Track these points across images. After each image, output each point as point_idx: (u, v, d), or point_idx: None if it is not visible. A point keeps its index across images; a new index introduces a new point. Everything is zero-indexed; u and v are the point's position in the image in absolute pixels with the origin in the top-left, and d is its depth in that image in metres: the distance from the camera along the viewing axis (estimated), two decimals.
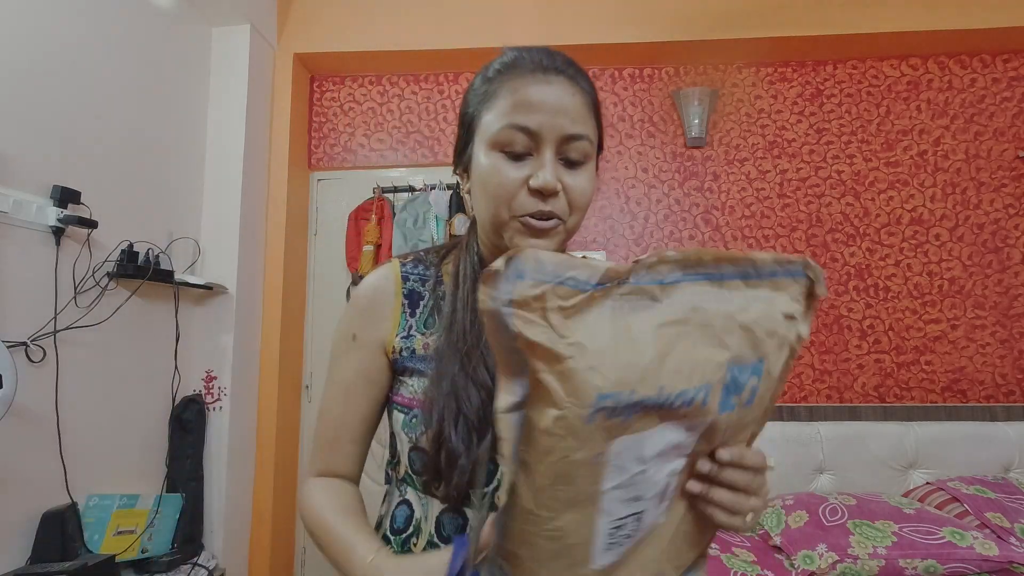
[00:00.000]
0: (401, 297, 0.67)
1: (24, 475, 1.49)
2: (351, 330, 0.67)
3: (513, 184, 0.58)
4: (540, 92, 0.58)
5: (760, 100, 2.46)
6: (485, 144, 0.60)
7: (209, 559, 1.96)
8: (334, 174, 2.59)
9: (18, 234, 1.49)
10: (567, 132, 0.58)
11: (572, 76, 0.60)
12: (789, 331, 0.48)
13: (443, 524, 0.62)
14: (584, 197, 0.60)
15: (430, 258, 0.70)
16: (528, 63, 0.59)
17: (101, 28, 1.77)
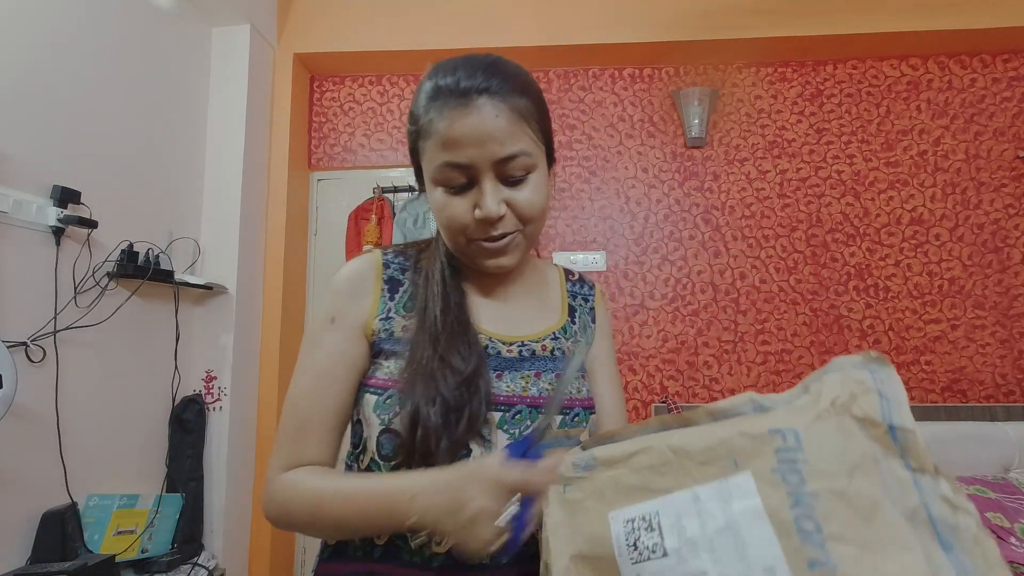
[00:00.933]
0: (381, 282, 0.68)
1: (24, 475, 1.49)
2: (329, 313, 0.66)
3: (461, 217, 0.61)
4: (463, 125, 0.58)
5: (760, 100, 2.46)
6: (430, 180, 0.63)
7: (209, 559, 1.96)
8: (334, 174, 2.59)
9: (18, 234, 1.49)
10: (499, 156, 0.59)
11: (496, 92, 0.59)
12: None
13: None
14: (533, 208, 0.62)
15: (409, 251, 0.72)
16: (446, 92, 0.59)
17: (101, 28, 1.77)
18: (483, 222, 0.60)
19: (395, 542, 0.62)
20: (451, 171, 0.60)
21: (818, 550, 0.35)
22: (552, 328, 0.72)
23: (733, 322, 2.37)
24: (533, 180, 0.62)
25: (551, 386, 0.66)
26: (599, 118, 2.50)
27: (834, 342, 2.32)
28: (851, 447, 0.38)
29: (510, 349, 0.67)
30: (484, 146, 0.58)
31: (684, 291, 2.40)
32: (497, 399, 0.63)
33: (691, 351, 2.36)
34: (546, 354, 0.69)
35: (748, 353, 2.35)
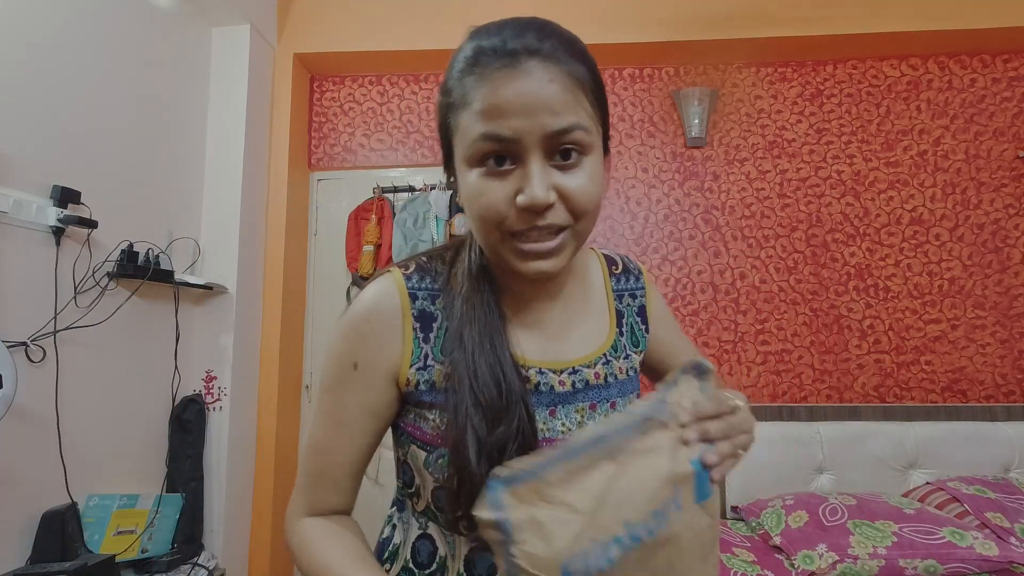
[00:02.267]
0: (411, 320, 0.57)
1: (24, 475, 1.49)
2: (351, 357, 0.57)
3: (499, 204, 0.50)
4: (509, 89, 0.48)
5: (760, 100, 2.46)
6: (464, 161, 0.52)
7: (209, 559, 1.96)
8: (334, 174, 2.59)
9: (18, 234, 1.49)
10: (551, 128, 0.49)
11: (548, 55, 0.49)
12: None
13: (474, 563, 0.57)
14: (588, 199, 0.51)
15: (435, 266, 0.61)
16: (489, 53, 0.50)
17: (101, 28, 1.77)
18: (527, 211, 0.49)
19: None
20: (491, 145, 0.49)
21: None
22: (603, 348, 0.64)
23: (733, 322, 2.37)
24: (588, 165, 0.51)
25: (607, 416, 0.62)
26: None
27: (834, 342, 2.33)
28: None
29: (562, 381, 0.60)
30: (534, 116, 0.48)
31: (684, 291, 2.40)
32: (553, 441, 0.57)
33: None
34: (599, 382, 0.62)
35: (748, 353, 2.35)
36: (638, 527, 0.43)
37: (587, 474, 0.44)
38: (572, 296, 0.65)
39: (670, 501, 0.45)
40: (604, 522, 0.43)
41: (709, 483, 0.47)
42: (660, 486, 0.45)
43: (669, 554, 0.45)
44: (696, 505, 0.47)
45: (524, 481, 0.43)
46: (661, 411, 0.47)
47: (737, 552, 1.68)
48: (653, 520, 0.44)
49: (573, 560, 0.42)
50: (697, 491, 0.46)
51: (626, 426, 0.46)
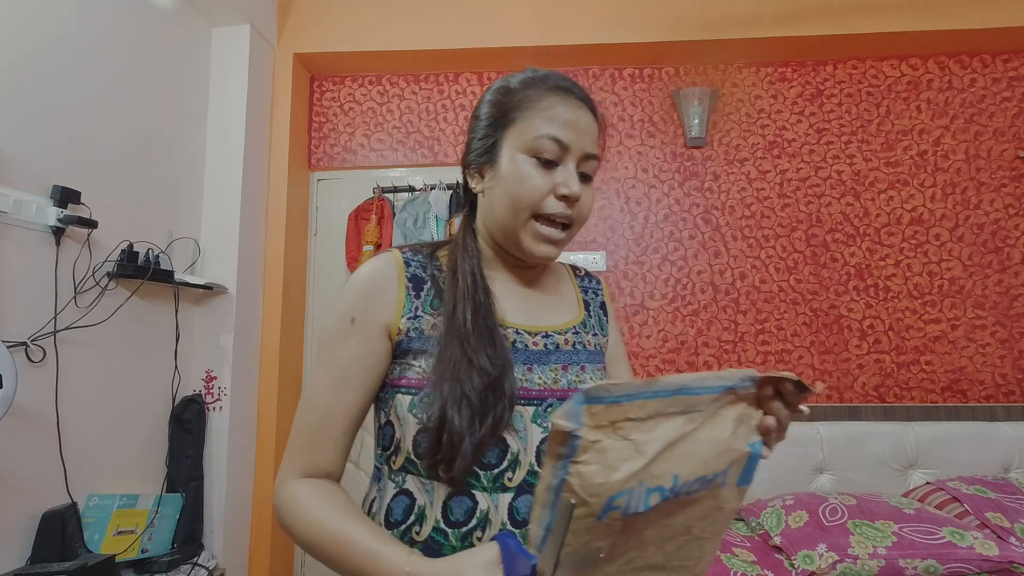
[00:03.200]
0: (405, 280, 0.68)
1: (24, 475, 1.49)
2: (350, 313, 0.65)
3: (542, 189, 0.66)
4: (573, 112, 0.67)
5: (760, 100, 2.46)
6: (518, 148, 0.67)
7: (209, 559, 1.96)
8: (334, 174, 2.59)
9: (18, 234, 1.49)
10: (588, 151, 0.68)
11: (591, 106, 0.70)
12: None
13: (451, 508, 0.61)
14: (587, 210, 0.70)
15: (424, 250, 0.73)
16: (560, 83, 0.69)
17: (101, 28, 1.77)
18: (564, 199, 0.66)
19: (435, 539, 0.63)
20: (551, 143, 0.65)
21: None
22: (572, 322, 0.76)
23: (733, 322, 2.37)
24: (591, 187, 0.70)
25: (578, 378, 0.69)
26: None
27: (834, 342, 2.33)
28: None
29: (535, 341, 0.70)
30: (583, 136, 0.67)
31: (684, 291, 2.40)
32: (529, 393, 0.65)
33: (691, 351, 2.36)
34: (568, 348, 0.72)
35: (748, 353, 2.35)
36: (683, 485, 0.45)
37: (660, 421, 0.45)
38: (547, 281, 0.79)
39: (721, 473, 0.47)
40: (658, 470, 0.44)
41: (753, 472, 0.50)
42: (716, 455, 0.47)
43: (690, 517, 0.48)
44: (736, 487, 0.49)
45: (605, 404, 0.43)
46: (744, 386, 0.49)
47: (737, 552, 1.68)
48: (697, 483, 0.46)
49: (621, 495, 0.43)
50: (743, 474, 0.49)
51: (710, 387, 0.47)
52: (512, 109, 0.69)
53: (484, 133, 0.71)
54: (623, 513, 0.43)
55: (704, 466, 0.46)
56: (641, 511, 0.44)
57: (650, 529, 0.47)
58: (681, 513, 0.47)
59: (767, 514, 1.81)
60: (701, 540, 0.50)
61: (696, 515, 0.48)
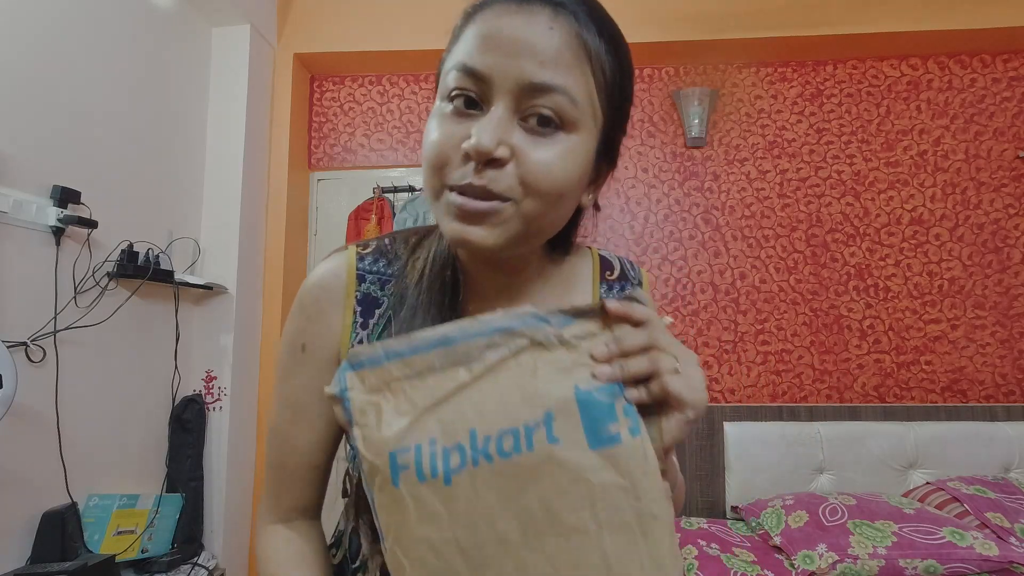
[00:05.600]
0: (353, 302, 0.55)
1: (24, 475, 1.49)
2: (300, 338, 0.55)
3: (447, 144, 0.44)
4: (501, 24, 0.43)
5: (760, 100, 2.46)
6: (438, 96, 0.47)
7: (209, 559, 1.96)
8: (334, 174, 2.59)
9: (18, 234, 1.49)
10: (528, 79, 0.42)
11: (566, 6, 0.44)
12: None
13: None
14: (547, 177, 0.43)
15: (397, 249, 0.57)
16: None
17: (101, 28, 1.77)
18: (465, 156, 0.43)
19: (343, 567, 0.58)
20: (463, 78, 0.44)
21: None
22: None
23: (733, 322, 2.37)
24: (564, 143, 0.44)
25: None
26: None
27: (834, 342, 2.32)
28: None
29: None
30: (514, 57, 0.42)
31: (684, 291, 2.40)
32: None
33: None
34: None
35: (748, 353, 2.35)
36: (486, 441, 0.38)
37: (436, 375, 0.40)
38: (548, 298, 0.58)
39: (536, 424, 0.38)
40: (447, 425, 0.39)
41: (610, 427, 0.39)
42: (520, 403, 0.39)
43: (543, 496, 0.38)
44: (592, 452, 0.38)
45: (371, 367, 0.41)
46: (536, 328, 0.41)
47: (737, 552, 1.68)
48: (508, 439, 0.38)
49: (404, 451, 0.39)
50: (587, 430, 0.38)
51: (476, 331, 0.41)
52: (445, 54, 0.49)
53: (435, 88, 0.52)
54: (419, 476, 0.38)
55: (505, 417, 0.38)
56: (444, 475, 0.38)
57: (498, 516, 0.38)
58: (528, 490, 0.38)
59: (767, 514, 1.81)
60: (587, 534, 0.38)
61: (550, 491, 0.38)
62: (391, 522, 0.39)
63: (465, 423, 0.39)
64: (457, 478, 0.38)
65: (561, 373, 0.40)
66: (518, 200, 0.44)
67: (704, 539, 1.74)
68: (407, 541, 0.39)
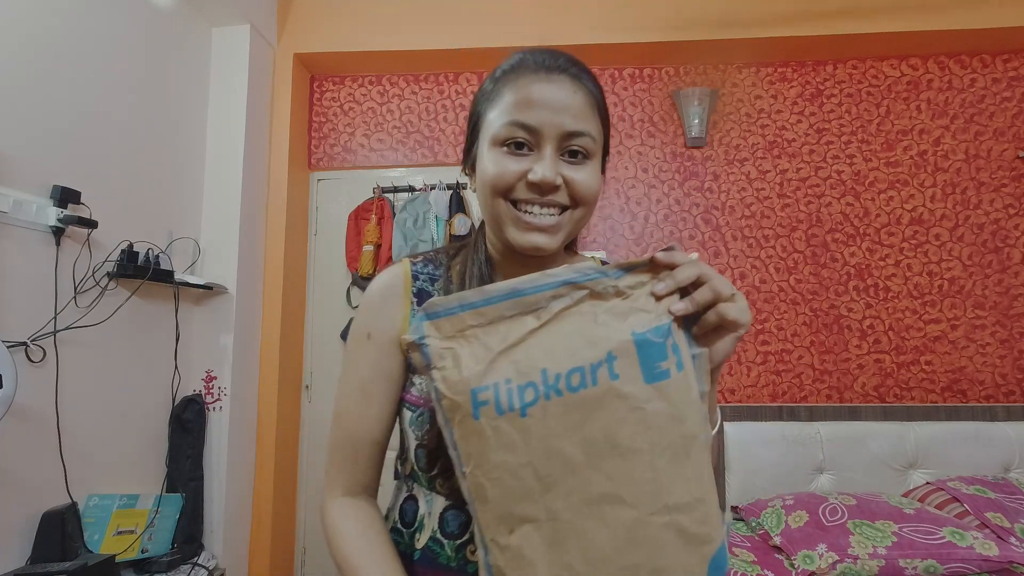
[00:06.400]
0: (411, 296, 0.67)
1: (24, 475, 1.49)
2: (366, 328, 0.66)
3: (511, 175, 0.59)
4: (542, 90, 0.59)
5: (760, 100, 2.46)
6: (488, 142, 0.61)
7: (209, 559, 1.96)
8: (334, 174, 2.59)
9: (18, 234, 1.49)
10: (568, 129, 0.59)
11: (575, 75, 0.61)
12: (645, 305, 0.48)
13: (447, 520, 0.62)
14: (588, 190, 0.61)
15: (440, 258, 0.71)
16: (532, 63, 0.61)
17: (101, 28, 1.77)
18: (535, 187, 0.59)
19: (432, 548, 0.63)
20: (516, 130, 0.59)
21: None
22: None
23: None
24: (590, 166, 0.61)
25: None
26: None
27: (834, 342, 2.32)
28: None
29: None
30: (557, 114, 0.59)
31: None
32: None
33: None
34: None
35: (748, 353, 2.35)
36: (556, 378, 0.44)
37: (507, 322, 0.46)
38: None
39: (600, 363, 0.44)
40: (520, 365, 0.44)
41: (661, 364, 0.45)
42: (584, 345, 0.44)
43: (606, 424, 0.43)
44: (647, 385, 0.44)
45: (446, 316, 0.46)
46: (596, 280, 0.47)
47: (737, 552, 1.68)
48: (575, 376, 0.44)
49: (484, 388, 0.44)
50: (643, 366, 0.44)
51: (542, 284, 0.47)
52: (486, 101, 0.64)
53: (468, 134, 0.69)
54: (498, 410, 0.43)
55: (573, 357, 0.44)
56: (520, 409, 0.43)
57: (565, 443, 0.43)
58: (591, 419, 0.43)
59: (767, 514, 1.81)
60: (641, 454, 0.44)
61: (612, 420, 0.43)
62: (471, 451, 0.45)
63: (537, 363, 0.44)
64: (531, 410, 0.43)
65: (619, 318, 0.46)
66: (571, 210, 0.61)
67: None
68: (487, 466, 0.44)
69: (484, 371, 0.44)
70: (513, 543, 0.44)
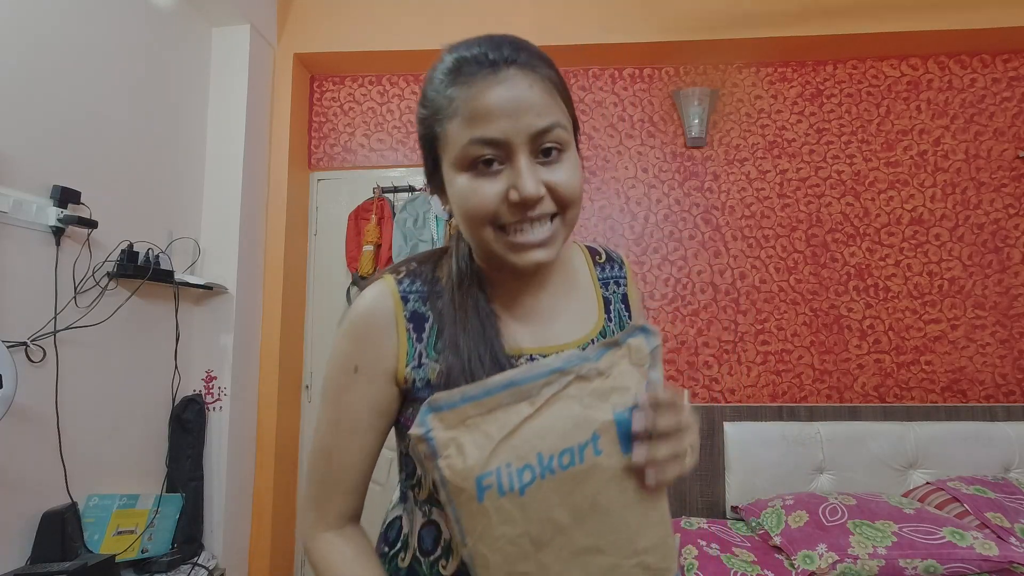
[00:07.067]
0: (404, 322, 0.60)
1: (24, 475, 1.49)
2: (351, 361, 0.60)
3: (490, 201, 0.54)
4: (495, 96, 0.52)
5: (760, 100, 2.46)
6: (453, 166, 0.56)
7: (209, 559, 1.96)
8: (334, 174, 2.59)
9: (18, 234, 1.49)
10: (536, 128, 0.53)
11: (525, 63, 0.54)
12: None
13: None
14: (573, 190, 0.56)
15: (424, 271, 0.64)
16: (472, 63, 0.54)
17: (101, 28, 1.77)
18: (519, 206, 0.53)
19: (414, 567, 0.63)
20: (480, 148, 0.53)
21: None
22: (592, 333, 0.66)
23: (733, 322, 2.37)
24: (568, 159, 0.56)
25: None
26: (599, 118, 2.50)
27: (834, 342, 2.32)
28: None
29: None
30: (519, 118, 0.52)
31: (684, 291, 2.40)
32: None
33: (691, 351, 2.36)
34: None
35: (748, 353, 2.35)
36: (550, 459, 0.49)
37: (504, 410, 0.51)
38: (559, 285, 0.68)
39: (586, 443, 0.50)
40: (518, 450, 0.49)
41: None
42: (573, 429, 0.50)
43: (589, 492, 0.50)
44: (625, 456, 0.51)
45: (449, 409, 0.50)
46: (579, 366, 0.52)
47: (737, 552, 1.68)
48: (566, 456, 0.50)
49: (487, 475, 0.49)
50: (621, 441, 0.51)
51: (536, 374, 0.51)
52: (433, 124, 0.58)
53: (424, 156, 0.63)
54: (500, 492, 0.49)
55: (564, 440, 0.50)
56: (520, 488, 0.49)
57: (556, 511, 0.50)
58: (578, 489, 0.50)
59: (767, 514, 1.81)
60: (614, 512, 0.51)
61: (595, 488, 0.50)
62: (474, 527, 0.50)
63: (533, 448, 0.50)
64: (529, 490, 0.49)
65: (601, 399, 0.52)
66: (562, 216, 0.57)
67: (704, 539, 1.74)
68: (489, 539, 0.50)
69: (487, 459, 0.49)
70: None
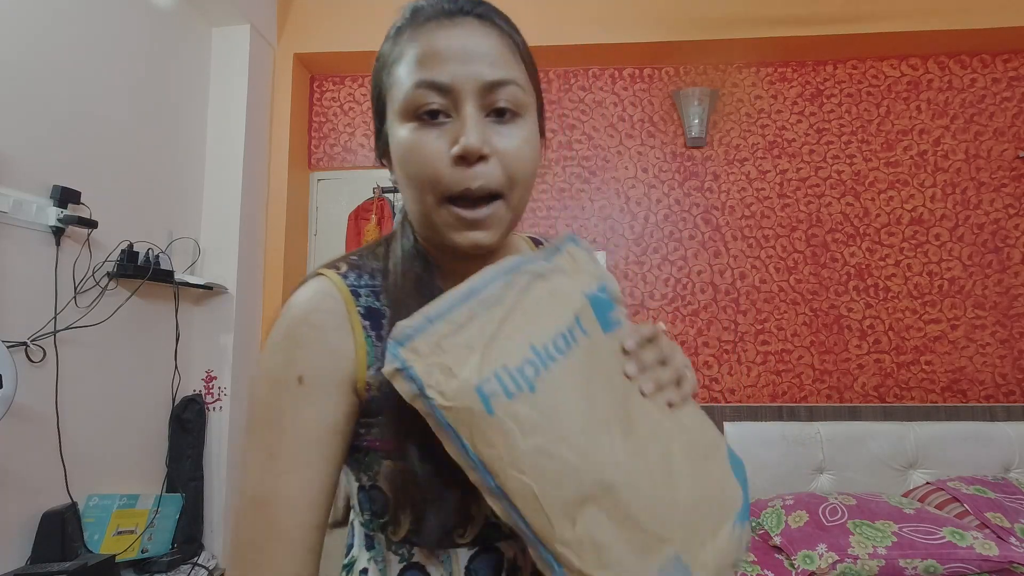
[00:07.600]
0: (359, 318, 0.50)
1: (24, 475, 1.49)
2: (291, 372, 0.48)
3: (435, 157, 0.48)
4: (447, 37, 0.48)
5: (760, 100, 2.46)
6: (397, 117, 0.50)
7: (209, 559, 1.96)
8: (334, 174, 2.59)
9: (18, 234, 1.49)
10: (487, 79, 0.48)
11: (484, 15, 0.50)
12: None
13: (475, 572, 0.52)
14: (522, 162, 0.49)
15: (366, 263, 0.55)
16: (428, 10, 0.50)
17: (101, 28, 1.77)
18: (461, 160, 0.47)
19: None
20: (426, 92, 0.48)
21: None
22: None
23: (733, 322, 2.37)
24: (524, 126, 0.50)
25: None
26: (599, 118, 2.50)
27: (834, 342, 2.32)
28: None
29: None
30: (469, 63, 0.48)
31: (684, 291, 2.40)
32: None
33: (691, 351, 2.36)
34: None
35: (748, 353, 2.35)
36: (545, 348, 0.45)
37: (477, 320, 0.46)
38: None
39: (572, 327, 0.48)
40: (509, 349, 0.44)
41: (610, 315, 0.52)
42: (553, 317, 0.47)
43: (605, 368, 0.49)
44: (604, 333, 0.50)
45: (420, 336, 0.44)
46: (533, 265, 0.50)
47: None
48: (560, 340, 0.46)
49: (486, 381, 0.42)
50: (599, 320, 0.50)
51: (492, 276, 0.48)
52: (382, 74, 0.53)
53: (374, 114, 0.56)
54: (508, 395, 0.42)
55: (551, 327, 0.47)
56: (528, 385, 0.43)
57: (573, 397, 0.45)
58: (587, 369, 0.47)
59: (767, 514, 1.81)
60: (629, 383, 0.50)
61: (602, 363, 0.49)
62: (497, 453, 0.42)
63: (523, 342, 0.45)
64: (538, 382, 0.44)
65: (568, 287, 0.50)
66: (507, 194, 0.50)
67: None
68: (519, 457, 0.42)
69: (480, 367, 0.43)
70: (582, 535, 0.42)
